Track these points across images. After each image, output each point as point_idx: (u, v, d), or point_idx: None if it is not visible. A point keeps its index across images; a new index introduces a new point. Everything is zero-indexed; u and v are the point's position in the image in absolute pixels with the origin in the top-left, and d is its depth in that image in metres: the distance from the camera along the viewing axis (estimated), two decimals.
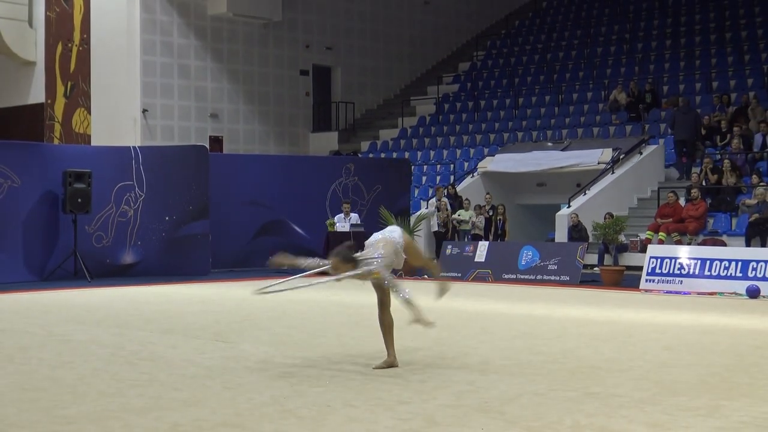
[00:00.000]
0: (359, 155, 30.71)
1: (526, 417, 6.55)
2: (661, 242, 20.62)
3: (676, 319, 12.97)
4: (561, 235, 22.80)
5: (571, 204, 23.57)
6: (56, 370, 8.49)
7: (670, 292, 17.03)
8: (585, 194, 23.88)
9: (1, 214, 18.81)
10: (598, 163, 24.80)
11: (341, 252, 8.55)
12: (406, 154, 29.89)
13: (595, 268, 20.60)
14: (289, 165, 23.82)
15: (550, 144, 27.10)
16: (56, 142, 29.74)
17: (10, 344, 10.11)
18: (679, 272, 17.36)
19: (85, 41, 29.94)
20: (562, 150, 26.10)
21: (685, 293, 16.83)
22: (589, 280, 19.11)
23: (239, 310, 13.80)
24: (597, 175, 24.44)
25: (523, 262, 19.52)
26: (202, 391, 7.44)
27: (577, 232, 22.00)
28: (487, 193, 24.97)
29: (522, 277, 19.30)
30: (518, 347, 9.95)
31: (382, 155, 30.69)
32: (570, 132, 28.21)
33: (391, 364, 8.54)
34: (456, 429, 6.21)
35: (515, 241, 22.63)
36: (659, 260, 17.66)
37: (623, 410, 6.80)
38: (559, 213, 23.40)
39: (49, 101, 30.84)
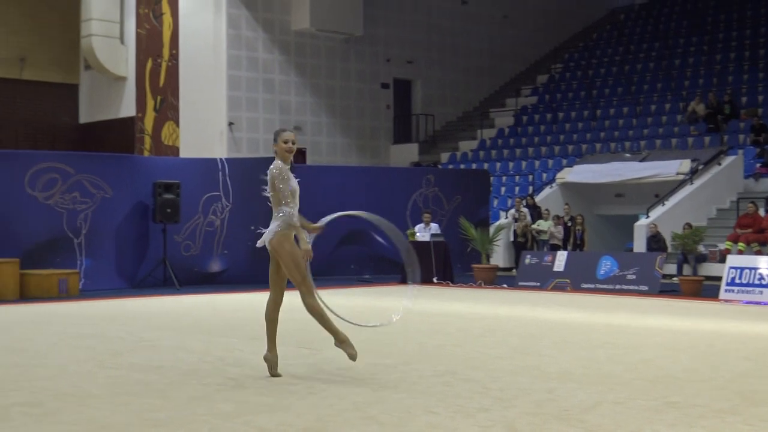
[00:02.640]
0: (439, 166, 30.86)
1: (605, 426, 6.52)
2: (740, 252, 20.45)
3: (756, 329, 12.88)
4: (640, 245, 22.72)
5: (649, 214, 23.47)
6: (146, 374, 8.67)
7: (750, 302, 16.89)
8: (664, 205, 23.75)
9: (94, 223, 19.31)
10: (677, 174, 24.64)
11: None
12: (486, 165, 29.96)
13: (674, 278, 20.49)
14: (371, 176, 24.07)
15: (628, 155, 26.98)
16: (146, 154, 30.37)
17: (102, 349, 10.36)
18: (758, 282, 17.21)
19: (174, 57, 30.58)
20: (640, 161, 25.98)
21: (764, 303, 16.65)
22: (668, 290, 18.99)
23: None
24: (676, 186, 24.29)
25: (602, 272, 19.51)
26: (287, 397, 7.55)
27: (656, 242, 21.90)
28: (566, 204, 24.97)
29: (601, 286, 19.28)
30: (597, 356, 9.96)
31: (462, 166, 30.80)
32: (648, 143, 28.05)
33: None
34: None
35: (594, 250, 22.60)
36: (739, 270, 17.54)
37: (703, 420, 6.75)
38: (637, 223, 23.32)
39: (139, 115, 31.53)
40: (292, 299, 12.49)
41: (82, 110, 34.55)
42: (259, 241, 8.50)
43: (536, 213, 24.85)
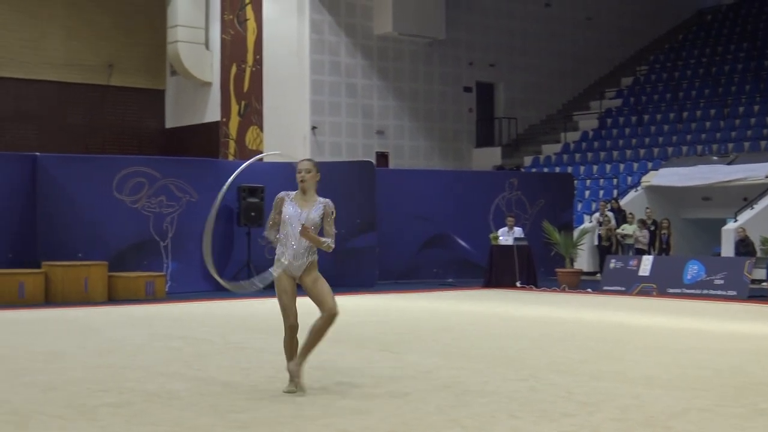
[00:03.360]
0: (522, 170, 30.72)
1: None
2: None
3: None
4: (727, 249, 22.34)
5: (737, 218, 23.07)
6: (232, 376, 8.78)
7: None
8: (752, 208, 23.33)
9: (180, 226, 19.59)
10: (766, 177, 24.19)
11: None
12: (569, 169, 29.73)
13: (764, 283, 20.13)
14: (454, 180, 24.06)
15: (715, 158, 26.58)
16: (231, 158, 30.74)
17: (188, 351, 10.53)
18: None
19: (258, 62, 30.91)
20: (728, 164, 25.56)
21: None
22: (757, 295, 18.67)
23: (405, 321, 14.00)
24: (765, 189, 23.83)
25: (689, 277, 19.22)
26: (370, 400, 7.59)
27: (744, 246, 21.53)
28: (647, 207, 24.66)
29: (687, 291, 19.00)
30: (684, 362, 9.83)
31: (545, 170, 30.62)
32: (736, 145, 27.57)
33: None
34: None
35: (680, 255, 22.29)
36: None
37: None
38: (725, 227, 22.95)
39: (224, 119, 31.94)
40: (372, 302, 12.51)
41: (168, 115, 35.08)
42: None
43: (621, 217, 24.60)
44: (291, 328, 8.17)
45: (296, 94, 30.15)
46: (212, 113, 32.77)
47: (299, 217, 8.21)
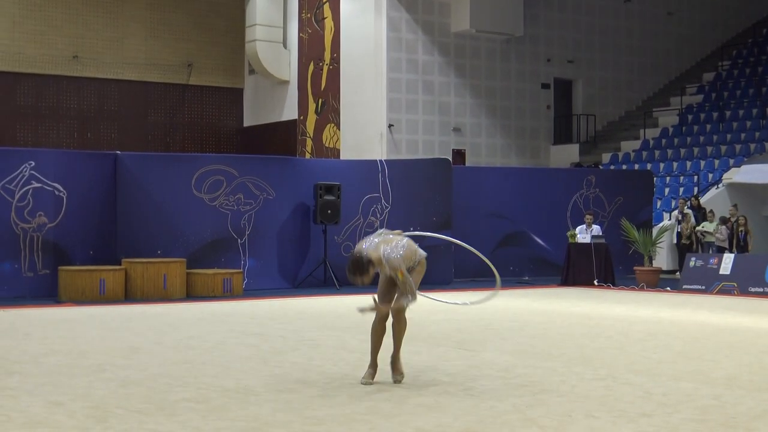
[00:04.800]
0: (600, 167, 30.41)
1: None
2: None
3: None
4: None
5: None
6: (307, 373, 8.82)
7: None
8: None
9: (258, 224, 19.76)
10: None
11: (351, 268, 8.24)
12: (648, 166, 29.34)
13: None
14: (531, 177, 23.91)
15: None
16: (308, 156, 30.93)
17: (265, 348, 10.61)
18: None
19: (335, 60, 31.05)
20: None
21: None
22: None
23: (481, 319, 13.96)
24: None
25: None
26: (445, 398, 7.58)
27: None
28: (734, 205, 24.24)
29: None
30: (765, 362, 9.67)
31: (624, 167, 30.27)
32: None
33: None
34: None
35: (762, 253, 21.89)
36: None
37: None
38: None
39: (301, 117, 32.15)
40: (443, 298, 12.49)
41: (246, 114, 35.44)
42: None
43: (701, 214, 24.22)
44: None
45: (373, 91, 30.22)
46: (290, 111, 33.01)
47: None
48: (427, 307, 15.87)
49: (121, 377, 8.56)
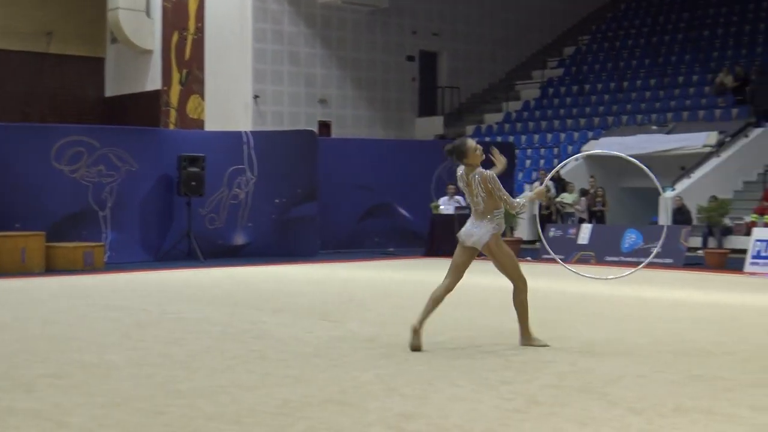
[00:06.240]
0: None
1: (628, 398, 6.51)
2: (766, 225, 20.35)
3: None
4: (665, 218, 22.65)
5: (675, 187, 23.36)
6: (170, 346, 8.73)
7: None
8: (690, 177, 23.66)
9: (120, 197, 19.44)
10: (703, 147, 24.51)
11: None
12: (511, 138, 29.87)
13: (699, 252, 20.44)
14: (396, 149, 24.09)
15: (654, 127, 26.84)
16: (172, 127, 30.44)
17: (127, 321, 10.45)
18: None
19: (200, 30, 30.60)
20: (666, 133, 25.85)
21: None
22: (693, 263, 18.96)
23: (346, 290, 14.02)
24: (702, 159, 24.15)
25: (627, 245, 19.48)
26: (310, 369, 7.59)
27: (681, 215, 21.84)
28: (592, 176, 24.83)
29: (625, 259, 19.25)
30: (621, 329, 9.95)
31: (487, 139, 30.69)
32: (675, 115, 27.86)
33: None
34: (558, 409, 6.22)
35: (619, 223, 22.54)
36: (765, 243, 17.49)
37: (728, 393, 6.74)
38: (662, 196, 23.25)
39: (165, 88, 31.59)
40: (313, 271, 12.53)
41: (108, 84, 34.63)
42: (470, 241, 8.70)
43: (561, 186, 24.77)
44: (526, 283, 8.81)
45: (238, 62, 29.94)
46: (153, 82, 32.39)
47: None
48: (293, 279, 15.91)
49: None
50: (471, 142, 8.87)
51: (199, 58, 30.62)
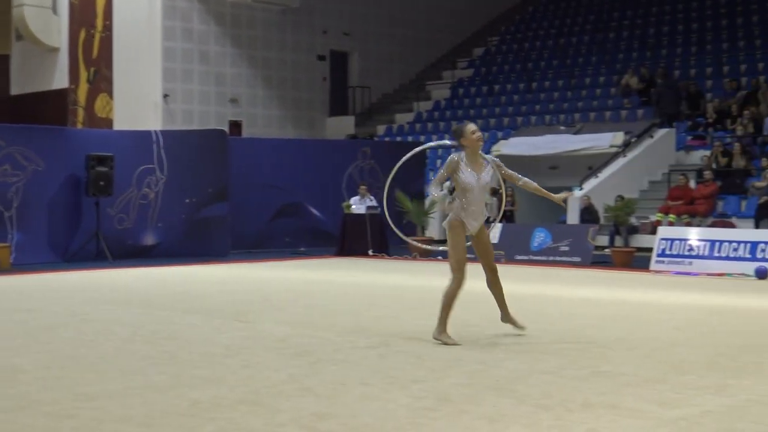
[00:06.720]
0: (375, 139, 30.90)
1: (537, 395, 6.61)
2: (671, 224, 20.80)
3: (685, 299, 13.11)
4: (573, 217, 23.01)
5: (583, 186, 23.74)
6: (78, 349, 8.61)
7: (680, 273, 17.20)
8: (597, 177, 24.05)
9: (26, 197, 19.09)
10: (610, 147, 24.94)
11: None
12: (422, 138, 30.03)
13: (606, 250, 20.80)
14: (306, 149, 24.08)
15: (562, 128, 27.23)
16: (79, 126, 30.03)
17: (34, 324, 10.28)
18: (688, 254, 17.55)
19: (108, 27, 30.20)
20: (574, 134, 26.25)
21: (694, 274, 16.98)
22: (600, 261, 19.29)
23: (258, 290, 13.97)
24: (609, 158, 24.58)
25: (536, 244, 19.74)
26: (221, 370, 7.56)
27: (588, 214, 22.21)
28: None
29: (534, 258, 19.51)
30: (528, 327, 10.11)
31: (398, 139, 30.88)
32: (582, 116, 28.32)
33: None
34: (469, 407, 6.27)
35: (528, 223, 22.82)
36: (669, 242, 17.86)
37: (632, 389, 6.86)
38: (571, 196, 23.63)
39: (72, 86, 31.13)
40: (224, 272, 12.48)
41: (13, 82, 34.02)
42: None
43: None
44: (463, 281, 9.10)
45: (147, 61, 29.63)
46: (60, 80, 31.93)
47: (476, 182, 9.08)
48: (203, 279, 15.80)
49: None
50: (470, 125, 9.12)
51: (107, 57, 30.23)
